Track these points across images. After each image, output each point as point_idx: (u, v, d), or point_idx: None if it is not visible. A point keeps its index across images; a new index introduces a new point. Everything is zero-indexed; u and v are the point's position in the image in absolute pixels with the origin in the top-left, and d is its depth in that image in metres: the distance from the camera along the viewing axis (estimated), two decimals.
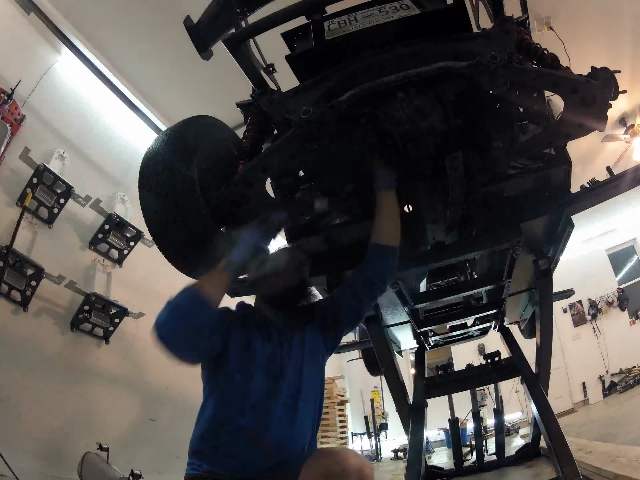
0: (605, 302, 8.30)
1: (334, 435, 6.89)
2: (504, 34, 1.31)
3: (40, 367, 2.97)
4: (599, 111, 1.18)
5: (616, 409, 5.98)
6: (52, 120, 3.53)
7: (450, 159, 1.38)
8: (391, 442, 7.65)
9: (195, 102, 4.58)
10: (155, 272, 4.35)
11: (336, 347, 1.44)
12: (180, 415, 4.16)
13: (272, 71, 1.69)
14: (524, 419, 7.40)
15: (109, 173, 4.12)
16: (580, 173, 1.90)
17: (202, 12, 1.56)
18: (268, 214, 1.33)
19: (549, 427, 1.84)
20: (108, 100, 4.14)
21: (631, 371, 7.22)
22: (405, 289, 1.80)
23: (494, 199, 1.61)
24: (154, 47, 4.00)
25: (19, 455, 2.57)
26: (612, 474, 1.77)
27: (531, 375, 2.19)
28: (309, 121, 1.25)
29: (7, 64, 3.15)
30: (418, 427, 2.09)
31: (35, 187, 3.11)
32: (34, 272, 2.99)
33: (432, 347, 3.07)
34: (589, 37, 4.19)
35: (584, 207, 1.62)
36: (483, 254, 1.82)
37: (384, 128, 1.45)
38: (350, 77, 1.37)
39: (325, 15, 1.52)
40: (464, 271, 2.38)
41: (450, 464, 3.05)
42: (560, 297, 3.39)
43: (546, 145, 1.49)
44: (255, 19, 1.45)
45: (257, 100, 1.53)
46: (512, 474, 2.38)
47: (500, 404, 2.88)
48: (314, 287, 1.90)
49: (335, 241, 1.73)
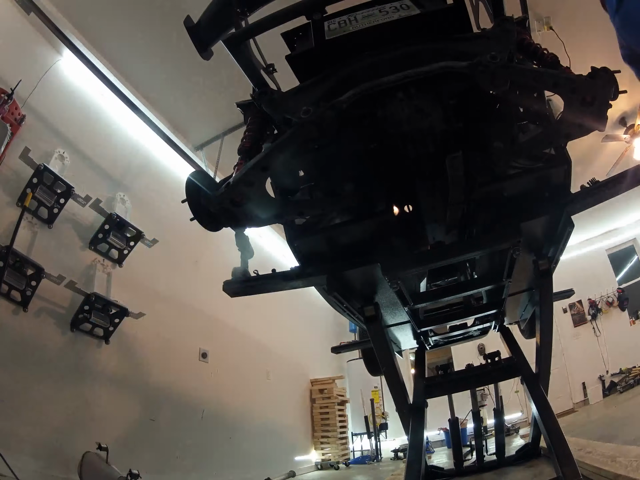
0: (605, 302, 8.31)
1: (333, 435, 6.89)
2: (504, 34, 1.31)
3: (40, 367, 2.97)
4: (599, 111, 1.18)
5: (616, 409, 5.98)
6: (52, 120, 3.53)
7: (450, 159, 1.39)
8: (391, 442, 7.65)
9: (196, 102, 4.59)
10: (155, 272, 4.36)
11: None
12: (180, 415, 4.17)
13: (272, 71, 1.69)
14: (524, 419, 7.41)
15: (109, 173, 4.13)
16: (580, 173, 1.89)
17: (202, 12, 1.56)
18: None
19: (549, 427, 1.84)
20: (108, 100, 4.14)
21: (631, 371, 7.23)
22: (405, 289, 1.80)
23: (494, 199, 1.61)
24: (155, 48, 4.01)
25: (18, 455, 2.57)
26: (612, 474, 1.77)
27: (531, 375, 2.18)
28: (309, 121, 1.25)
29: (7, 64, 3.15)
30: (418, 427, 2.09)
31: (35, 187, 3.11)
32: (34, 272, 2.99)
33: (432, 347, 3.07)
34: (589, 37, 4.19)
35: (584, 207, 1.61)
36: (483, 254, 1.82)
37: (383, 128, 1.45)
38: (351, 77, 1.37)
39: (326, 15, 1.52)
40: (464, 271, 2.38)
41: (450, 464, 3.05)
42: (560, 297, 3.38)
43: (546, 145, 1.49)
44: (255, 19, 1.45)
45: (257, 100, 1.53)
46: (512, 474, 2.38)
47: (500, 404, 2.88)
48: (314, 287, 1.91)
49: (335, 241, 1.72)
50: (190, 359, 4.61)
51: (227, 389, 5.01)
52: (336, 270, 1.71)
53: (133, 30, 3.84)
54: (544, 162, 1.57)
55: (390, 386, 2.11)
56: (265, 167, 1.34)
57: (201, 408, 4.47)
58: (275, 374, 6.16)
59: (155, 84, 4.43)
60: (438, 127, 1.50)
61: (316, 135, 1.26)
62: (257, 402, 5.52)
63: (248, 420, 5.20)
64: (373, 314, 1.94)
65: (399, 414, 2.15)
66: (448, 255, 1.73)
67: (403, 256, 1.72)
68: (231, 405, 5.00)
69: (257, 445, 5.19)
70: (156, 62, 4.18)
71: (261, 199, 1.42)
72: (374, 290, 1.91)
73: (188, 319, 4.53)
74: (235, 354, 5.34)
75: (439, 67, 1.22)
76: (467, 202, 1.65)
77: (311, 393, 7.28)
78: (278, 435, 5.87)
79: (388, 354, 2.07)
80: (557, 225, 1.66)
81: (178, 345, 4.42)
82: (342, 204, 1.59)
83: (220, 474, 4.41)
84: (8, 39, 3.23)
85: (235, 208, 1.41)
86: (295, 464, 6.02)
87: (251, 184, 1.36)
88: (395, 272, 1.64)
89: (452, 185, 1.46)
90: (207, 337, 4.83)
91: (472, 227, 1.82)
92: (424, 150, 1.57)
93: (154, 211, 4.51)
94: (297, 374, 7.10)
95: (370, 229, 1.66)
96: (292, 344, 6.96)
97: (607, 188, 1.59)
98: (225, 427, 4.78)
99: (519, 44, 1.44)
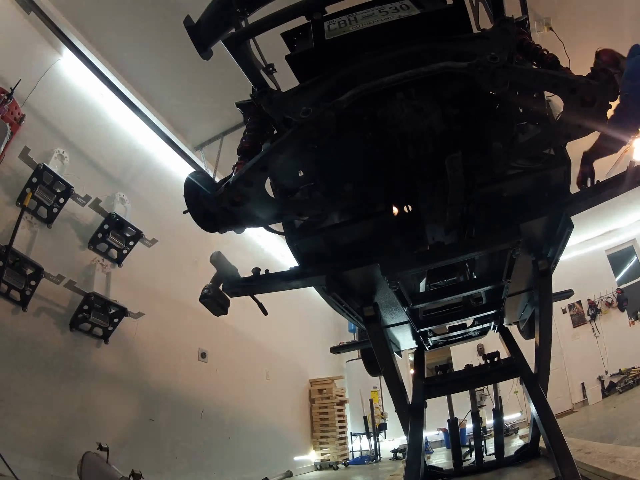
0: (604, 303, 8.31)
1: (332, 435, 6.89)
2: (504, 35, 1.31)
3: (40, 367, 2.96)
4: (599, 112, 1.18)
5: (615, 409, 5.98)
6: (51, 120, 3.52)
7: (450, 159, 1.38)
8: (390, 442, 7.65)
9: (195, 102, 4.59)
10: (154, 272, 4.36)
11: None
12: (179, 415, 4.17)
13: (272, 71, 1.69)
14: (523, 419, 7.41)
15: (109, 173, 4.12)
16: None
17: (202, 12, 1.56)
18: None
19: (548, 427, 1.84)
20: (108, 100, 4.14)
21: (630, 372, 7.23)
22: (404, 289, 1.80)
23: (493, 199, 1.61)
24: (154, 47, 4.01)
25: (18, 455, 2.57)
26: (611, 474, 1.77)
27: (530, 375, 2.18)
28: (309, 121, 1.25)
29: (7, 63, 3.15)
30: (417, 428, 2.09)
31: (34, 186, 3.11)
32: (34, 271, 2.99)
33: (431, 347, 3.07)
34: (589, 38, 4.19)
35: (583, 207, 1.62)
36: (482, 255, 1.82)
37: (383, 128, 1.45)
38: (350, 77, 1.37)
39: (326, 15, 1.52)
40: (464, 271, 2.38)
41: (449, 465, 3.05)
42: (560, 298, 3.38)
43: (546, 146, 1.49)
44: (255, 19, 1.45)
45: (256, 100, 1.53)
46: (511, 474, 2.38)
47: (500, 404, 2.88)
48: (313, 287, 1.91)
49: (334, 241, 1.72)
50: (190, 358, 4.60)
51: (226, 389, 5.01)
52: (335, 271, 1.71)
53: (133, 30, 3.84)
54: (543, 163, 1.58)
55: (389, 386, 2.11)
56: (264, 167, 1.34)
57: (200, 408, 4.47)
58: (274, 374, 6.16)
59: (155, 83, 4.43)
60: (438, 128, 1.50)
61: (316, 135, 1.26)
62: (256, 402, 5.52)
63: (247, 420, 5.20)
64: (372, 314, 1.94)
65: (398, 414, 2.15)
66: (447, 255, 1.73)
67: (402, 256, 1.72)
68: (230, 405, 5.00)
69: (256, 445, 5.18)
70: (156, 62, 4.18)
71: (260, 199, 1.42)
72: (373, 291, 1.91)
73: (187, 319, 4.52)
74: (234, 354, 5.34)
75: (438, 67, 1.22)
76: (466, 202, 1.65)
77: (310, 393, 7.28)
78: (277, 435, 5.87)
79: (387, 354, 2.07)
80: (557, 225, 1.66)
81: (177, 345, 4.42)
82: (341, 204, 1.59)
83: (220, 473, 4.41)
84: (8, 38, 3.23)
85: (234, 208, 1.41)
86: (295, 464, 6.02)
87: (250, 184, 1.36)
88: (394, 272, 1.64)
89: (451, 185, 1.45)
90: (207, 337, 4.83)
91: (472, 227, 1.82)
92: (423, 151, 1.57)
93: (153, 211, 4.51)
94: (297, 374, 7.10)
95: (370, 229, 1.66)
96: (291, 344, 6.96)
97: (606, 188, 1.60)
98: (224, 427, 4.77)
99: (519, 44, 1.44)
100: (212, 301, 1.75)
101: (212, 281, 1.80)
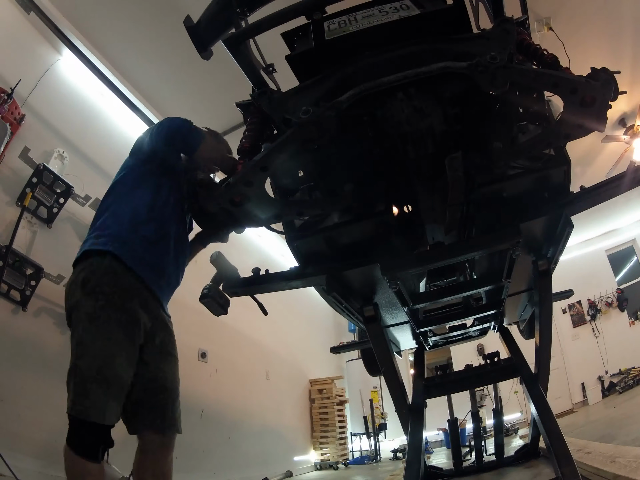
0: (604, 303, 8.31)
1: (332, 435, 6.89)
2: (504, 35, 1.31)
3: (40, 367, 2.96)
4: (599, 112, 1.18)
5: (615, 409, 5.98)
6: (51, 120, 3.52)
7: (450, 160, 1.38)
8: (390, 442, 7.65)
9: (195, 101, 4.59)
10: None
11: None
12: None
13: (272, 71, 1.69)
14: (523, 419, 7.42)
15: (109, 173, 4.10)
16: (579, 174, 1.90)
17: (202, 12, 1.56)
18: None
19: (548, 427, 1.84)
20: (108, 100, 4.14)
21: (630, 372, 7.23)
22: (404, 289, 1.80)
23: (493, 199, 1.61)
24: (155, 47, 4.01)
25: (18, 455, 2.56)
26: (611, 474, 1.77)
27: (530, 375, 2.18)
28: (309, 121, 1.25)
29: (7, 63, 3.15)
30: (417, 428, 2.09)
31: (34, 186, 3.11)
32: (34, 271, 2.99)
33: (431, 347, 3.07)
34: (589, 38, 4.20)
35: (583, 207, 1.61)
36: (482, 255, 1.82)
37: (383, 128, 1.45)
38: (350, 77, 1.37)
39: (326, 15, 1.52)
40: (464, 271, 2.38)
41: (449, 464, 3.05)
42: (560, 298, 3.38)
43: (546, 146, 1.49)
44: (255, 19, 1.45)
45: (256, 100, 1.53)
46: (511, 474, 2.37)
47: (500, 404, 2.87)
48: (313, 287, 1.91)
49: (334, 241, 1.72)
50: (190, 358, 4.60)
51: (226, 389, 5.01)
52: (335, 271, 1.71)
53: (133, 30, 3.84)
54: (543, 163, 1.57)
55: (389, 386, 2.11)
56: (264, 167, 1.34)
57: (200, 408, 4.46)
58: (274, 374, 6.16)
59: (155, 83, 4.42)
60: (437, 128, 1.50)
61: (316, 135, 1.26)
62: (256, 402, 5.52)
63: (247, 420, 5.20)
64: (372, 314, 1.94)
65: (398, 414, 2.15)
66: (447, 255, 1.73)
67: (402, 256, 1.72)
68: (230, 405, 5.00)
69: (256, 445, 5.18)
70: (156, 62, 4.18)
71: (260, 199, 1.42)
72: (373, 291, 1.91)
73: (187, 319, 4.51)
74: (234, 353, 5.34)
75: (438, 67, 1.22)
76: (466, 202, 1.65)
77: (310, 393, 7.28)
78: (277, 435, 5.87)
79: (387, 354, 2.07)
80: (557, 225, 1.66)
81: (177, 345, 4.40)
82: (341, 204, 1.59)
83: (219, 474, 4.41)
84: (8, 38, 3.22)
85: (234, 208, 1.41)
86: (294, 464, 6.02)
87: (250, 183, 1.36)
88: (394, 272, 1.64)
89: (451, 185, 1.45)
90: (207, 337, 4.83)
91: (472, 227, 1.82)
92: (423, 151, 1.57)
93: None
94: (296, 374, 7.10)
95: (370, 229, 1.66)
96: (291, 344, 6.95)
97: (606, 189, 1.60)
98: (224, 427, 4.77)
99: (519, 44, 1.43)
100: (212, 301, 1.75)
101: (212, 281, 1.81)
